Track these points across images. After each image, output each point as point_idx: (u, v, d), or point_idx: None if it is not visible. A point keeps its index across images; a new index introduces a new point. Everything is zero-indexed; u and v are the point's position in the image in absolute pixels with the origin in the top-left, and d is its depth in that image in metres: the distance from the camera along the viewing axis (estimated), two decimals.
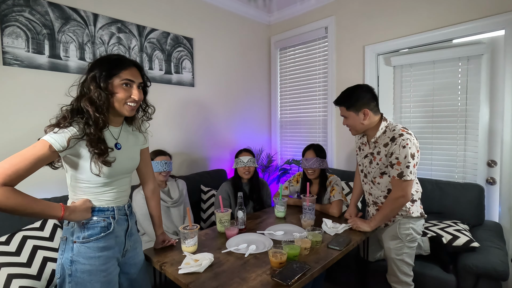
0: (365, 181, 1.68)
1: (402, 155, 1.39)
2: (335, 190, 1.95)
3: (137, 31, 2.23)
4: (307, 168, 1.98)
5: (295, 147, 3.21)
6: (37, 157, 0.90)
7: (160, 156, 1.94)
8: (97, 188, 1.06)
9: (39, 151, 0.90)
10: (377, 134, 1.52)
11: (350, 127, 1.57)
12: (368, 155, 1.60)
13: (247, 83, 3.12)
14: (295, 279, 1.08)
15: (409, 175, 1.41)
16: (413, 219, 1.53)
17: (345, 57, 2.69)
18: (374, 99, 1.51)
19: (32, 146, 0.90)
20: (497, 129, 2.01)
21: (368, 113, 1.48)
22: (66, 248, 1.04)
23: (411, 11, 2.24)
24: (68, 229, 1.05)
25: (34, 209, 0.90)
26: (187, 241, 1.32)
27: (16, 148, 1.70)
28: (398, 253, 1.55)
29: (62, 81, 1.85)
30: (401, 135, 1.42)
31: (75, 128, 0.97)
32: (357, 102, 1.49)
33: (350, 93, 1.53)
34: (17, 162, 0.87)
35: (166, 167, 1.91)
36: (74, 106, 1.02)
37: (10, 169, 0.85)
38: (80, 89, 1.03)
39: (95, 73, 1.01)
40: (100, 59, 1.06)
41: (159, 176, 1.91)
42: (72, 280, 1.02)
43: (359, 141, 1.70)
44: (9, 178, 0.85)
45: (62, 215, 0.96)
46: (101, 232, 1.06)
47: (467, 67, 2.11)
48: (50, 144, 0.91)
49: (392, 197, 1.48)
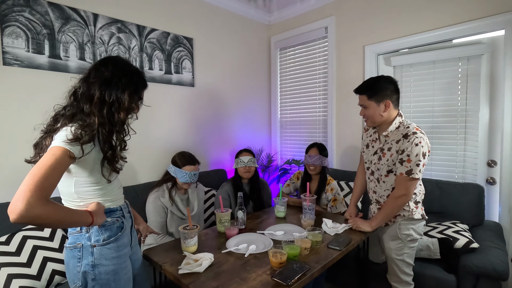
0: (371, 178, 1.66)
1: (414, 153, 1.38)
2: (337, 200, 2.07)
3: (137, 31, 2.23)
4: (309, 164, 2.06)
5: (295, 147, 3.21)
6: (62, 165, 0.88)
7: (190, 166, 1.80)
8: (105, 189, 1.06)
9: (62, 158, 0.87)
10: (390, 128, 1.49)
11: (368, 117, 1.53)
12: (378, 151, 1.57)
13: (247, 83, 3.12)
14: (295, 279, 1.08)
15: (417, 173, 1.40)
16: (414, 220, 1.52)
17: (345, 57, 2.69)
18: (397, 92, 1.49)
19: (52, 155, 0.86)
20: (497, 129, 2.01)
21: (389, 105, 1.45)
22: (84, 255, 1.02)
23: (411, 11, 2.24)
24: (83, 235, 1.02)
25: (71, 219, 0.90)
26: (187, 241, 1.32)
27: (16, 148, 1.71)
28: (399, 254, 1.55)
29: (62, 81, 1.85)
30: (414, 133, 1.40)
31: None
32: (380, 92, 1.46)
33: (374, 83, 1.49)
34: (48, 174, 0.83)
35: (194, 179, 1.80)
36: (88, 111, 0.99)
37: (46, 182, 0.81)
38: (104, 94, 1.00)
39: (130, 86, 1.04)
40: (129, 70, 1.07)
41: (184, 185, 1.83)
42: (97, 283, 1.02)
43: (368, 138, 1.67)
44: (47, 191, 0.82)
45: (92, 221, 0.95)
46: (117, 232, 1.08)
47: (467, 67, 2.10)
48: (69, 150, 0.89)
49: (394, 195, 1.47)
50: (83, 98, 1.00)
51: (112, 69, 1.03)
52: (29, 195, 0.77)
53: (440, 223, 1.91)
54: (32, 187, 0.78)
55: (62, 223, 0.88)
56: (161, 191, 1.83)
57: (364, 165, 1.73)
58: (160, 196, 1.80)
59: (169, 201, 1.81)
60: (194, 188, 1.99)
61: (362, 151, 1.73)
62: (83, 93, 1.00)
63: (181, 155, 1.88)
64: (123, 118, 1.05)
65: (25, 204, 0.75)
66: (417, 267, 1.64)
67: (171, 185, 1.86)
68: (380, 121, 1.51)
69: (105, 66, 1.03)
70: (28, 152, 1.08)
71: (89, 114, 0.98)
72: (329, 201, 2.09)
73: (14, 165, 1.70)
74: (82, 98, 1.00)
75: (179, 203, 1.86)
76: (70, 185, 1.00)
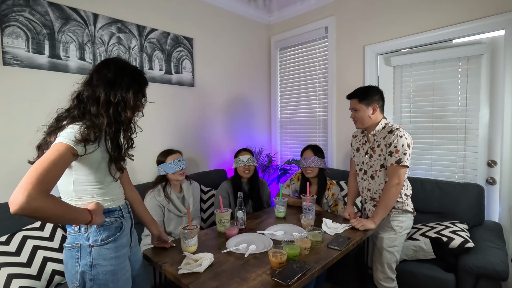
0: (364, 178, 1.76)
1: (400, 144, 1.56)
2: (338, 205, 2.06)
3: (137, 31, 2.22)
4: (305, 167, 2.03)
5: (295, 147, 3.21)
6: (65, 161, 0.88)
7: (171, 156, 1.88)
8: (104, 189, 1.06)
9: (65, 154, 0.88)
10: (377, 128, 1.69)
11: (358, 119, 1.72)
12: (368, 150, 1.72)
13: (247, 83, 3.12)
14: (295, 279, 1.08)
15: (406, 161, 1.56)
16: (406, 212, 1.64)
17: (345, 57, 2.69)
18: (382, 100, 1.72)
19: (56, 150, 0.87)
20: (497, 129, 2.01)
21: (376, 108, 1.67)
22: (83, 255, 1.02)
23: (411, 11, 2.24)
24: (81, 235, 1.02)
25: (71, 215, 0.90)
26: (187, 241, 1.32)
27: (16, 147, 1.71)
28: (390, 245, 1.63)
29: (62, 81, 1.85)
30: (397, 129, 1.62)
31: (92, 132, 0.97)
32: (370, 97, 1.67)
33: (365, 89, 1.73)
34: (50, 168, 0.83)
35: (181, 165, 1.84)
36: (96, 112, 0.99)
37: (47, 176, 0.82)
38: (109, 95, 1.01)
39: (133, 84, 1.06)
40: (130, 69, 1.08)
41: (177, 176, 1.86)
42: (95, 283, 1.02)
43: (357, 143, 1.83)
44: (49, 185, 0.82)
45: (91, 219, 0.95)
46: (116, 232, 1.08)
47: (467, 67, 2.10)
48: (73, 148, 0.90)
49: (388, 186, 1.59)
50: (89, 100, 1.00)
51: (114, 70, 1.04)
52: (31, 187, 0.77)
53: (439, 223, 1.92)
54: (34, 180, 0.79)
55: (61, 218, 0.88)
56: (156, 190, 1.87)
57: (354, 168, 1.85)
58: (156, 196, 1.84)
59: (165, 199, 1.85)
60: (189, 185, 2.02)
61: (353, 156, 1.87)
62: (89, 96, 1.01)
63: (160, 153, 1.96)
64: (130, 116, 1.08)
65: (26, 196, 0.76)
66: (417, 267, 1.65)
67: (164, 184, 1.91)
68: (368, 123, 1.70)
69: (106, 68, 1.04)
70: (28, 152, 1.08)
71: (97, 115, 0.99)
72: (330, 206, 2.08)
73: (14, 165, 1.70)
74: (88, 101, 1.00)
75: (175, 200, 1.89)
76: (69, 183, 1.00)
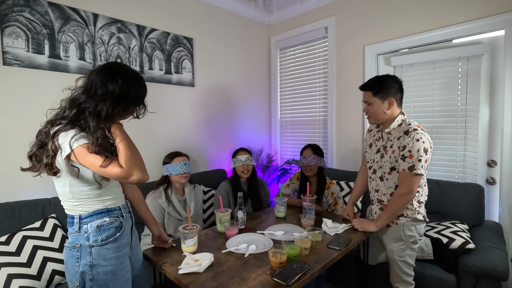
0: (373, 177, 1.66)
1: (415, 148, 1.39)
2: (338, 204, 2.05)
3: (137, 31, 2.22)
4: (305, 165, 2.03)
5: (295, 147, 3.21)
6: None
7: (178, 157, 1.89)
8: (101, 189, 1.06)
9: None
10: (392, 125, 1.51)
11: (371, 114, 1.55)
12: (381, 149, 1.59)
13: (247, 83, 3.12)
14: (295, 279, 1.08)
15: (420, 169, 1.40)
16: (417, 221, 1.53)
17: (345, 57, 2.69)
18: (401, 92, 1.51)
19: (83, 152, 0.95)
20: (497, 129, 2.01)
21: (393, 103, 1.48)
22: (83, 255, 1.02)
23: (411, 11, 2.24)
24: (81, 235, 1.03)
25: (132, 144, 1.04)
26: (187, 241, 1.32)
27: (16, 147, 1.71)
28: (401, 255, 1.55)
29: (62, 81, 1.85)
30: (415, 129, 1.43)
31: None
32: (386, 90, 1.48)
33: (380, 80, 1.52)
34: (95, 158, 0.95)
35: (186, 168, 1.84)
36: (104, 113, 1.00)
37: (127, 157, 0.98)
38: (112, 110, 1.01)
39: (137, 100, 1.08)
40: (138, 82, 1.08)
41: (180, 178, 1.86)
42: (95, 283, 1.02)
43: (371, 138, 1.69)
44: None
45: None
46: (116, 232, 1.08)
47: (467, 67, 2.10)
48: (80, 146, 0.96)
49: (398, 193, 1.47)
50: (90, 115, 0.97)
51: (122, 84, 1.01)
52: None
53: (440, 223, 1.91)
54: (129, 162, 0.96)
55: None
56: (158, 192, 1.87)
57: (366, 165, 1.73)
58: (157, 198, 1.84)
59: (165, 202, 1.84)
60: (192, 189, 2.01)
61: (365, 151, 1.74)
62: (90, 112, 0.98)
63: (168, 154, 1.96)
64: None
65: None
66: (417, 267, 1.64)
67: (166, 186, 1.90)
68: (382, 119, 1.53)
69: (114, 82, 1.00)
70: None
71: (95, 131, 0.97)
72: (330, 205, 2.08)
73: (14, 165, 1.70)
74: (89, 115, 0.97)
75: (176, 204, 1.88)
76: (65, 184, 1.02)
